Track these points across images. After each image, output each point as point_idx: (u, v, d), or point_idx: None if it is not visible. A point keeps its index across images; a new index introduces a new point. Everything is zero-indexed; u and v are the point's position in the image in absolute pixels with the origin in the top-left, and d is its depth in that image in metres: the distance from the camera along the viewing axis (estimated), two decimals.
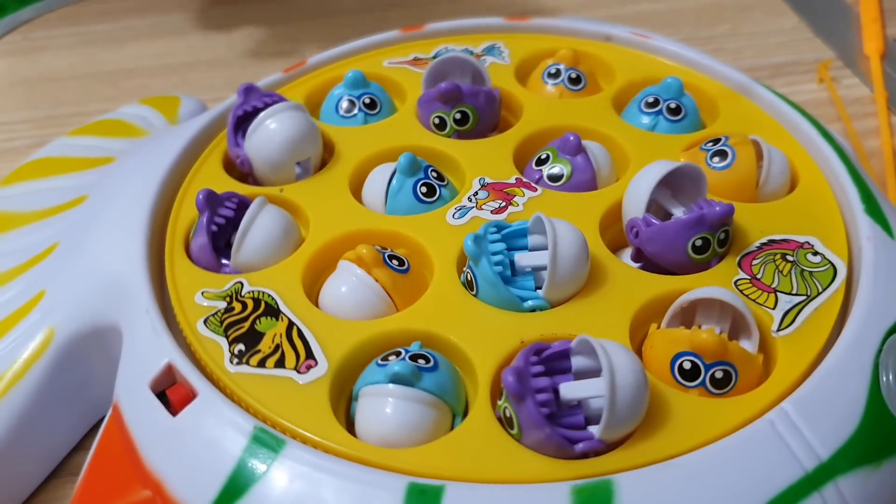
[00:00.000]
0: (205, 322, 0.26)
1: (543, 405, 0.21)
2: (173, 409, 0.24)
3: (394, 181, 0.29)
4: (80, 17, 0.53)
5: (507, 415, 0.22)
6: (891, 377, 0.24)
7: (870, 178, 0.32)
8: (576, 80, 0.34)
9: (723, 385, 0.24)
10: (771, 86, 0.43)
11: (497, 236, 0.26)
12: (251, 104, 0.31)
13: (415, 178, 0.29)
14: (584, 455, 0.22)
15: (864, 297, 0.26)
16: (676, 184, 0.28)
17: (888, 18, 0.48)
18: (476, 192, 0.29)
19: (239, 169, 0.31)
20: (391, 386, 0.23)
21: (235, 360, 0.24)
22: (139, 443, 0.24)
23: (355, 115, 0.33)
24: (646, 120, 0.33)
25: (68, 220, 0.31)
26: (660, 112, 0.33)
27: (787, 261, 0.27)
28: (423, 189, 0.29)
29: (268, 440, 0.22)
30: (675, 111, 0.33)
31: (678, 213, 0.27)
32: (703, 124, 0.33)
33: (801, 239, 0.28)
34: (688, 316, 0.26)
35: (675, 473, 0.21)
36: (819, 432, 0.23)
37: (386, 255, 0.26)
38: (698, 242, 0.26)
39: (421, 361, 0.23)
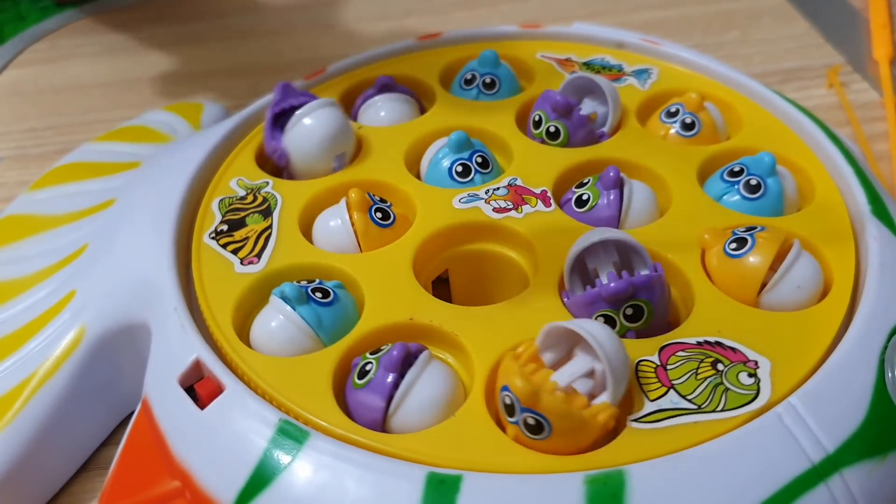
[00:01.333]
0: (219, 202, 0.31)
1: None
2: (201, 402, 0.25)
3: (439, 152, 0.31)
4: (104, 26, 0.54)
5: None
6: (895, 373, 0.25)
7: (877, 180, 0.32)
8: (689, 126, 0.33)
9: (535, 432, 0.22)
10: (782, 91, 0.44)
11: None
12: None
13: (457, 155, 0.31)
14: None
15: (871, 295, 0.27)
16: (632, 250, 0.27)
17: None
18: (498, 188, 0.30)
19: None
20: (274, 298, 0.26)
21: (212, 235, 0.29)
22: (168, 435, 0.25)
23: (470, 90, 0.36)
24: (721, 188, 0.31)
25: (97, 223, 0.32)
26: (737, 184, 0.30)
27: (715, 369, 0.24)
28: (459, 168, 0.31)
29: (293, 432, 0.23)
30: (755, 188, 0.30)
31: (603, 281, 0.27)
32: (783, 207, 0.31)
33: (752, 356, 0.25)
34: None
35: (686, 464, 0.22)
36: (825, 426, 0.23)
37: (374, 208, 0.29)
38: (601, 319, 0.26)
39: (318, 295, 0.26)
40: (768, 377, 0.24)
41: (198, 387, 0.25)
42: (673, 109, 0.33)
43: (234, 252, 0.29)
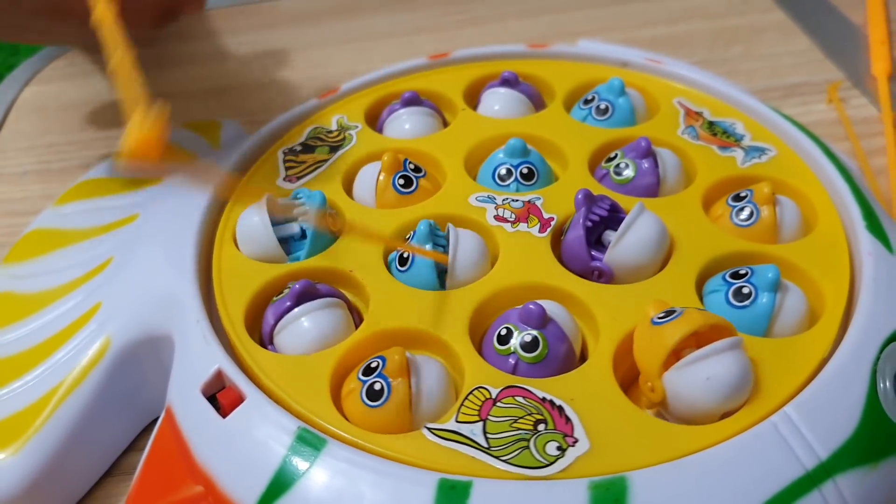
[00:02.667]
0: (312, 129, 0.36)
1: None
2: (223, 411, 0.26)
3: (497, 153, 0.33)
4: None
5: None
6: (888, 383, 0.26)
7: (872, 195, 0.33)
8: (747, 216, 0.31)
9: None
10: (783, 105, 0.45)
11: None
12: None
13: (508, 160, 0.33)
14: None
15: (864, 309, 0.28)
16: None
17: None
18: (517, 200, 0.32)
19: None
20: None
21: (286, 150, 0.35)
22: (191, 442, 0.26)
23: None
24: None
25: (121, 237, 0.33)
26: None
27: (534, 427, 0.24)
28: (503, 171, 0.33)
29: (311, 439, 0.24)
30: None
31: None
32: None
33: (579, 434, 0.24)
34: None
35: (685, 471, 0.23)
36: (819, 434, 0.24)
37: (399, 175, 0.32)
38: (503, 331, 0.27)
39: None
40: (573, 457, 0.24)
41: (220, 396, 0.26)
42: (742, 194, 0.31)
43: (287, 169, 0.34)
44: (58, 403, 0.29)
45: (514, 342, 0.27)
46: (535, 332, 0.26)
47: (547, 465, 0.23)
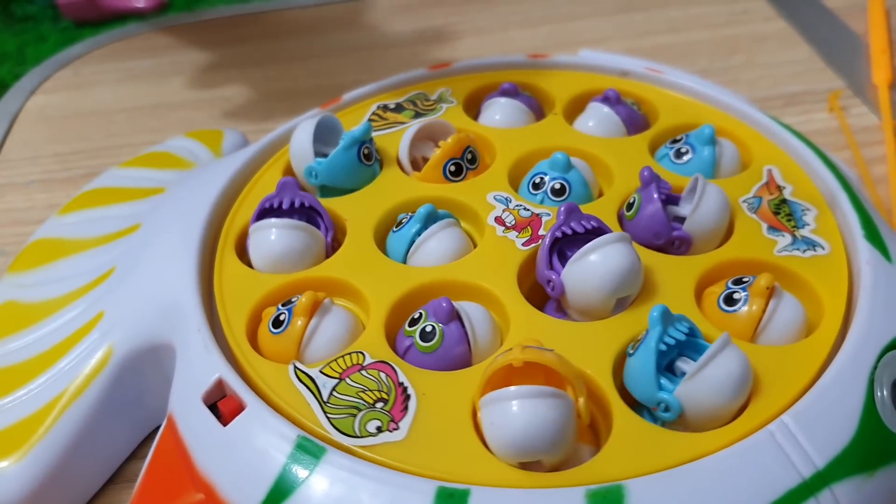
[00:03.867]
0: (415, 94, 0.39)
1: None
2: (224, 419, 0.26)
3: (543, 163, 0.34)
4: (126, 53, 0.56)
5: None
6: (885, 392, 0.26)
7: (872, 204, 0.34)
8: (732, 301, 0.28)
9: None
10: (784, 114, 0.45)
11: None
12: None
13: (544, 171, 0.33)
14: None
15: (862, 318, 0.28)
16: None
17: None
18: (527, 210, 0.32)
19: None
20: None
21: (381, 105, 0.38)
22: (192, 450, 0.26)
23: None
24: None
25: (124, 247, 0.34)
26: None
27: (373, 403, 0.26)
28: (536, 181, 0.33)
29: (310, 447, 0.25)
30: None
31: None
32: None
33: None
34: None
35: (682, 479, 0.23)
36: (816, 443, 0.25)
37: (451, 162, 0.34)
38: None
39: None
40: (382, 440, 0.25)
41: (220, 405, 0.27)
42: (745, 279, 0.29)
43: (371, 121, 0.37)
44: (61, 412, 0.29)
45: (418, 328, 0.27)
46: (436, 325, 0.27)
47: (356, 437, 0.25)
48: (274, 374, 0.27)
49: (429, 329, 0.27)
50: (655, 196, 0.31)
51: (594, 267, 0.28)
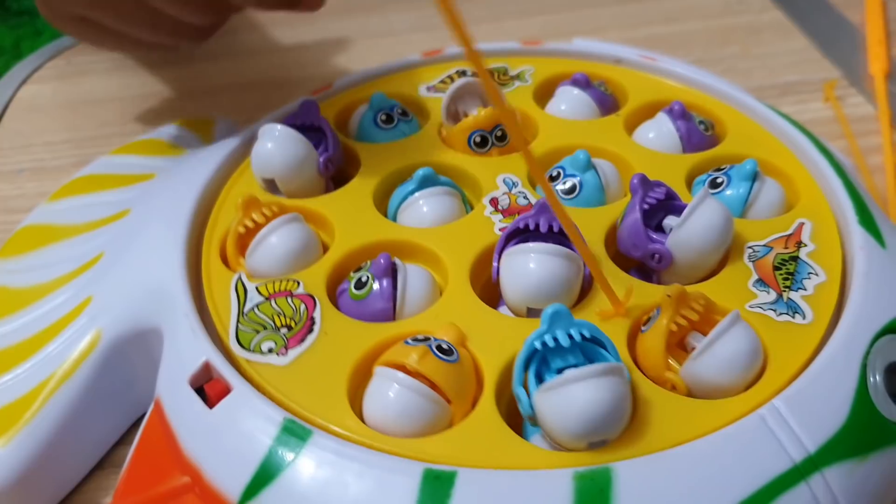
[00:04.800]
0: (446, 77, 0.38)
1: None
2: (210, 402, 0.26)
3: (566, 158, 0.33)
4: None
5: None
6: (878, 378, 0.26)
7: (866, 191, 0.33)
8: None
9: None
10: (779, 104, 0.45)
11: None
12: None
13: (564, 166, 0.32)
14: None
15: (855, 303, 0.28)
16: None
17: (893, 40, 0.50)
18: (527, 198, 0.32)
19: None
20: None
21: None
22: (179, 433, 0.26)
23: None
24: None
25: (113, 232, 0.33)
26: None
27: (277, 328, 0.28)
28: (553, 173, 0.32)
29: (296, 430, 0.24)
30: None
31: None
32: None
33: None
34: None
35: (670, 462, 0.23)
36: (807, 427, 0.24)
37: (494, 131, 0.33)
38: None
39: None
40: (265, 361, 0.27)
41: (207, 387, 0.26)
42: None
43: (440, 81, 0.39)
44: (48, 396, 0.29)
45: (356, 276, 0.29)
46: (371, 277, 0.28)
47: (248, 351, 0.27)
48: (259, 357, 0.27)
49: (364, 279, 0.28)
50: (637, 206, 0.29)
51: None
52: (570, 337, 0.24)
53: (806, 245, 0.30)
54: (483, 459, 0.24)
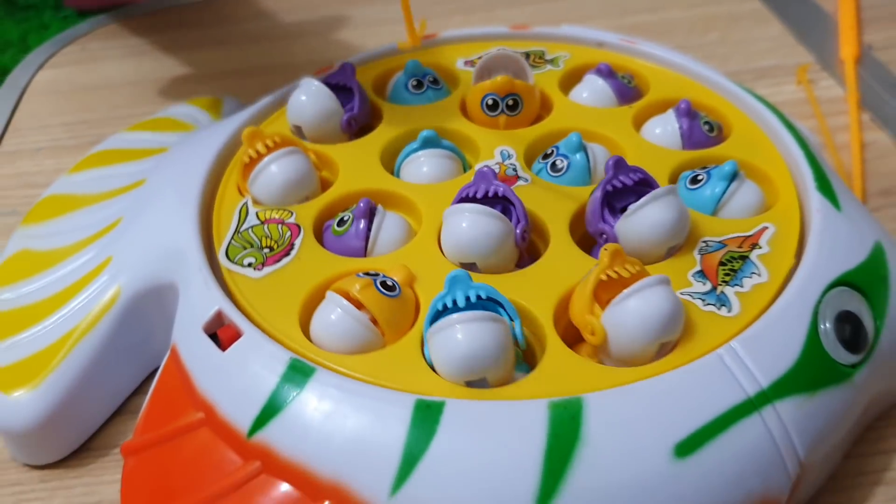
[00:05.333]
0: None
1: None
2: (222, 346, 0.29)
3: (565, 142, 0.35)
4: (130, 30, 0.59)
5: None
6: (828, 325, 0.29)
7: (827, 162, 0.36)
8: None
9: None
10: (755, 86, 0.47)
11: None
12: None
13: (558, 146, 0.35)
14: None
15: (810, 258, 0.30)
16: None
17: (865, 27, 0.52)
18: (515, 172, 0.34)
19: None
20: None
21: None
22: (194, 374, 0.29)
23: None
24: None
25: (130, 200, 0.36)
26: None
27: (262, 249, 0.32)
28: (548, 151, 0.35)
29: (301, 367, 0.27)
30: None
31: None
32: None
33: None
34: None
35: (636, 394, 0.26)
36: (762, 366, 0.27)
37: (506, 98, 0.34)
38: None
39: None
40: (245, 273, 0.31)
41: (220, 332, 0.29)
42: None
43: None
44: (72, 346, 0.32)
45: (341, 215, 0.33)
46: (352, 217, 0.32)
47: (230, 261, 0.31)
48: (266, 306, 0.30)
49: (345, 218, 0.32)
50: (602, 185, 0.31)
51: (647, 220, 0.30)
52: (468, 298, 0.27)
53: (760, 248, 0.31)
54: (468, 391, 0.26)
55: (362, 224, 0.32)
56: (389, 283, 0.29)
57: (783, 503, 0.26)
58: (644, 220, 0.30)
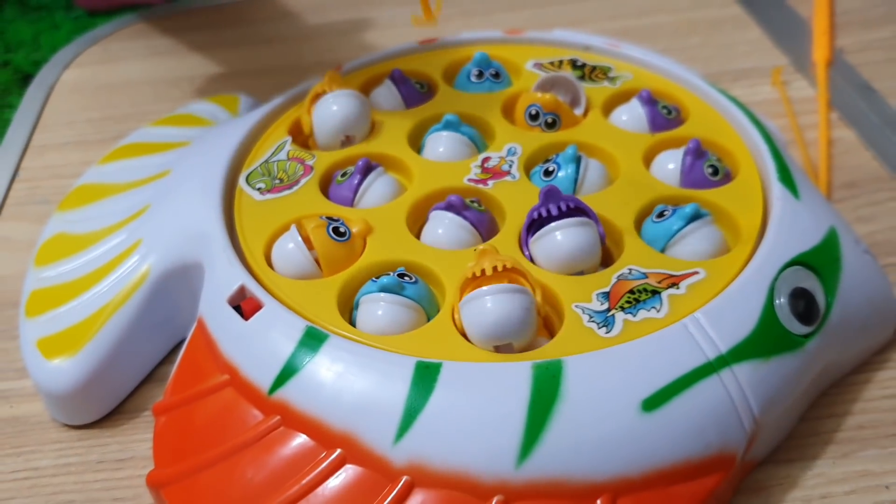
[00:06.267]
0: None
1: None
2: (245, 316, 0.32)
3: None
4: (150, 32, 0.62)
5: None
6: (783, 300, 0.32)
7: (790, 157, 0.40)
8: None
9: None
10: (733, 87, 0.51)
11: None
12: None
13: (556, 158, 0.38)
14: None
15: (769, 241, 0.34)
16: None
17: (838, 32, 0.56)
18: (510, 168, 0.38)
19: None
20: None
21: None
22: (219, 341, 0.33)
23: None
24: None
25: (157, 188, 0.40)
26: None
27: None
28: (549, 157, 0.38)
29: (316, 334, 0.31)
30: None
31: None
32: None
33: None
34: None
35: (609, 357, 0.30)
36: (721, 333, 0.31)
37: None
38: None
39: (406, 278, 0.32)
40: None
41: (243, 304, 0.33)
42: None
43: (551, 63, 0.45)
44: (106, 319, 0.35)
45: (348, 168, 0.38)
46: (350, 172, 0.37)
47: (246, 182, 0.38)
48: (284, 280, 0.33)
49: (348, 171, 0.38)
50: (538, 209, 0.33)
51: (549, 246, 0.33)
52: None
53: (678, 288, 0.32)
54: (463, 354, 0.30)
55: (357, 179, 0.37)
56: (342, 229, 0.34)
57: (739, 455, 0.30)
58: (547, 245, 0.33)
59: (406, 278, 0.33)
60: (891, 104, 0.50)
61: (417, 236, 0.35)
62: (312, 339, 0.31)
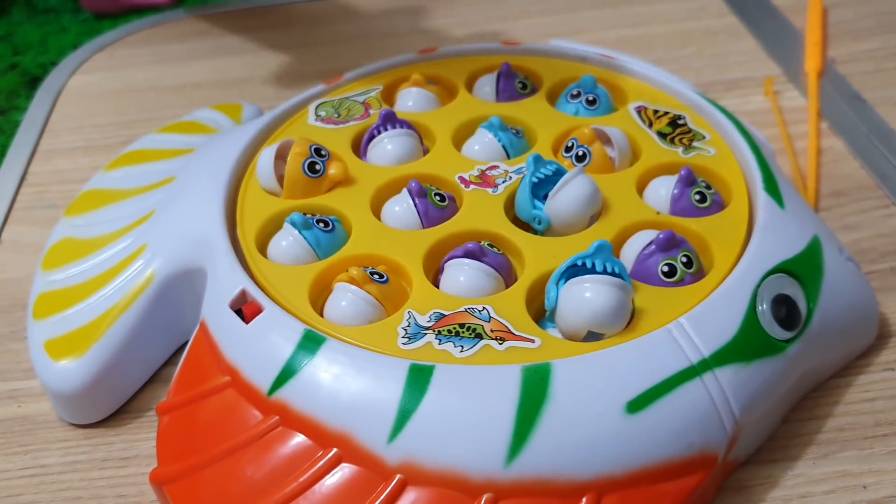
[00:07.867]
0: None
1: None
2: (246, 319, 0.33)
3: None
4: (155, 39, 0.64)
5: None
6: (765, 306, 0.33)
7: (777, 166, 0.41)
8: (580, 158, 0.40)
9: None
10: (725, 97, 0.52)
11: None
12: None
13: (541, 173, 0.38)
14: None
15: (753, 248, 0.35)
16: None
17: (829, 43, 0.57)
18: (502, 174, 0.40)
19: None
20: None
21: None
22: (221, 344, 0.34)
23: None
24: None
25: (162, 194, 0.41)
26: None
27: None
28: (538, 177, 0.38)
29: (314, 337, 0.32)
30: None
31: None
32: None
33: None
34: None
35: (595, 360, 0.31)
36: (704, 338, 0.32)
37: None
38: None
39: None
40: None
41: (244, 308, 0.34)
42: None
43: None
44: (112, 321, 0.37)
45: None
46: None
47: (314, 112, 0.44)
48: (284, 285, 0.34)
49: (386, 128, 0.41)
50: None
51: (567, 197, 0.36)
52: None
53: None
54: (454, 357, 0.31)
55: (379, 130, 0.41)
56: (318, 167, 0.38)
57: (721, 456, 0.31)
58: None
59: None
60: (879, 114, 0.51)
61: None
62: (310, 342, 0.32)
